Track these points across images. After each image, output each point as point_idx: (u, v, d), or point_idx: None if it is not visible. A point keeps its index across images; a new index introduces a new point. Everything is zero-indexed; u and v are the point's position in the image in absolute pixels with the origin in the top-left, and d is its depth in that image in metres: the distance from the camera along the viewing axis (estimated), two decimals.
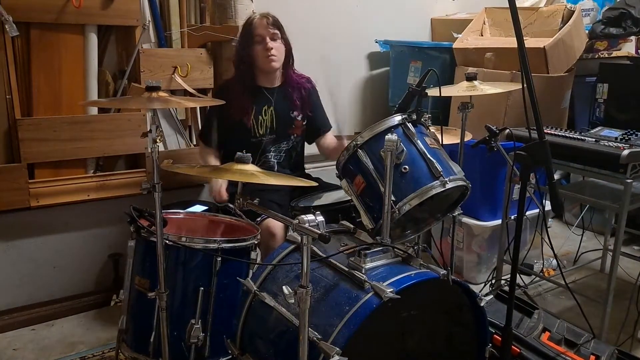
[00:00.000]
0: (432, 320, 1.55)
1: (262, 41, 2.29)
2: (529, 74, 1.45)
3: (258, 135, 2.38)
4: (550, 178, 1.51)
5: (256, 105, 2.36)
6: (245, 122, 2.35)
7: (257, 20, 2.30)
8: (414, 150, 1.57)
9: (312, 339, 1.33)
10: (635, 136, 2.40)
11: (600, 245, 3.06)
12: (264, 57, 2.30)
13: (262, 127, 2.38)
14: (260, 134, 2.38)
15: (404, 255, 1.58)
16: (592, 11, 3.73)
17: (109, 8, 2.33)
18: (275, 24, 2.31)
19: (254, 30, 2.29)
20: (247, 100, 2.35)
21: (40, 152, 2.30)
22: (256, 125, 2.37)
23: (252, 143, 2.37)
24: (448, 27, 3.46)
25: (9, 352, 2.24)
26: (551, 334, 1.93)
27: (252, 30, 2.30)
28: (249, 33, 2.31)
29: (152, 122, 1.50)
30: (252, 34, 2.30)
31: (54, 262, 2.54)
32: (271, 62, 2.32)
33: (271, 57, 2.30)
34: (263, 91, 2.39)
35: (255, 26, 2.29)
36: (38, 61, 2.28)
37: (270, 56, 2.30)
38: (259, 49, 2.30)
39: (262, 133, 2.39)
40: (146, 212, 1.78)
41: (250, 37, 2.30)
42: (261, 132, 2.38)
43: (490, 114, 2.80)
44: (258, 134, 2.38)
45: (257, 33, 2.29)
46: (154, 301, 1.65)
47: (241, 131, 2.36)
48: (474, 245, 2.89)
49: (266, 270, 1.63)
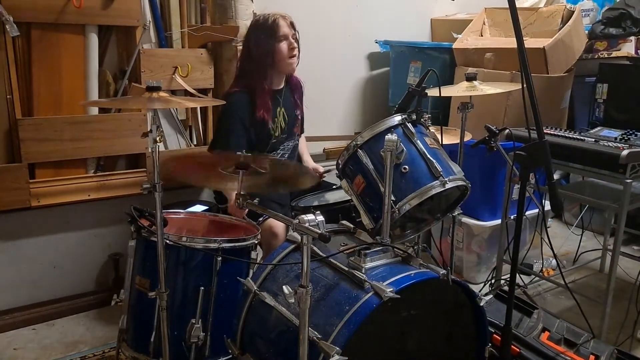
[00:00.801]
0: (432, 320, 1.56)
1: (286, 39, 2.25)
2: (529, 74, 1.45)
3: (276, 136, 2.37)
4: (550, 178, 1.51)
5: (273, 106, 2.36)
6: (267, 124, 2.30)
7: (281, 19, 2.26)
8: (413, 150, 1.58)
9: (312, 338, 1.33)
10: (634, 136, 2.40)
11: (599, 245, 3.06)
12: (287, 57, 2.27)
13: (278, 128, 2.37)
14: (277, 135, 2.37)
15: (403, 255, 1.58)
16: (592, 11, 3.73)
17: (109, 8, 2.33)
18: (294, 25, 2.30)
19: (279, 28, 2.24)
20: (269, 101, 2.31)
21: (40, 152, 2.30)
22: (274, 126, 2.35)
23: (272, 144, 2.36)
24: (448, 27, 3.46)
25: (10, 352, 2.25)
26: (551, 334, 1.93)
27: (277, 29, 2.24)
28: (274, 31, 2.24)
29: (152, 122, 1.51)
30: (276, 32, 2.24)
31: (54, 261, 2.54)
32: (293, 63, 2.31)
33: (293, 57, 2.29)
34: (274, 93, 2.38)
35: (280, 25, 2.25)
36: (39, 61, 2.29)
37: (293, 57, 2.29)
38: (285, 47, 2.25)
39: (279, 134, 2.38)
40: (147, 212, 1.78)
41: (274, 35, 2.24)
42: (277, 133, 2.37)
43: (490, 114, 2.81)
44: (275, 135, 2.36)
45: (282, 32, 2.25)
46: (154, 301, 1.65)
47: (264, 134, 2.32)
48: (473, 245, 2.89)
49: (266, 270, 1.63)
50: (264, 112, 2.27)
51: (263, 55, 2.26)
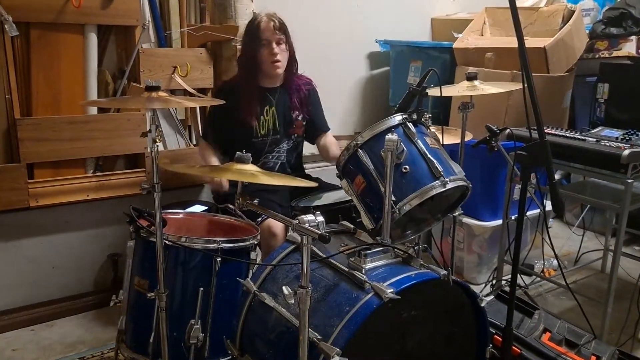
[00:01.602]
0: (433, 321, 1.55)
1: (268, 45, 2.26)
2: (530, 73, 1.44)
3: (260, 136, 2.38)
4: (551, 178, 1.50)
5: (259, 105, 2.36)
6: (249, 122, 2.33)
7: (265, 22, 2.25)
8: (414, 150, 1.57)
9: (312, 339, 1.32)
10: (635, 136, 2.39)
11: (601, 245, 3.06)
12: (269, 62, 2.29)
13: (263, 128, 2.37)
14: (262, 134, 2.38)
15: (404, 256, 1.58)
16: (593, 11, 3.73)
17: (108, 8, 2.32)
18: (281, 27, 2.28)
19: (261, 33, 2.25)
20: (253, 100, 2.33)
21: (39, 152, 2.29)
22: (259, 125, 2.36)
23: (254, 143, 2.36)
24: (448, 27, 3.46)
25: (8, 353, 2.24)
26: (552, 335, 1.93)
27: (259, 33, 2.25)
28: (255, 35, 2.26)
29: (151, 122, 1.50)
30: (258, 36, 2.25)
31: (53, 262, 2.54)
32: (276, 68, 2.31)
33: (276, 63, 2.29)
34: (265, 91, 2.38)
35: (262, 29, 2.25)
36: (37, 61, 2.28)
37: (275, 62, 2.28)
38: (265, 53, 2.27)
39: (264, 133, 2.38)
40: (145, 212, 1.78)
41: (256, 39, 2.26)
42: (263, 133, 2.38)
43: (491, 113, 2.80)
44: (260, 134, 2.37)
45: (264, 37, 2.25)
46: (153, 301, 1.65)
47: (244, 131, 2.35)
48: (474, 245, 2.88)
49: (266, 270, 1.63)
50: (246, 109, 2.31)
51: (248, 57, 2.32)
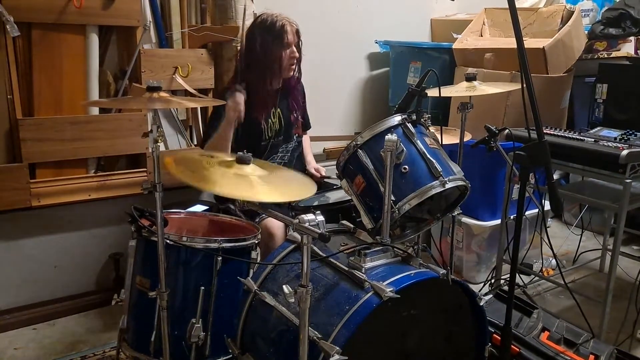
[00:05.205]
0: (432, 320, 1.56)
1: (289, 47, 2.29)
2: (529, 74, 1.45)
3: (267, 138, 2.38)
4: (550, 178, 1.52)
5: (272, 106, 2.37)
6: (259, 124, 2.33)
7: (288, 26, 2.28)
8: (413, 150, 1.58)
9: (312, 338, 1.33)
10: (634, 136, 2.40)
11: (599, 245, 3.06)
12: (287, 65, 2.31)
13: (271, 130, 2.38)
14: (269, 136, 2.38)
15: (403, 255, 1.58)
16: (592, 12, 3.74)
17: (110, 8, 2.33)
18: (299, 33, 2.33)
19: (286, 35, 2.27)
20: (268, 101, 2.34)
21: (41, 152, 2.30)
22: (267, 127, 2.36)
23: (262, 146, 2.37)
24: (448, 27, 3.47)
25: (10, 352, 2.25)
26: (550, 334, 1.93)
27: (284, 35, 2.26)
28: (280, 37, 2.26)
29: (153, 122, 1.51)
30: (282, 38, 2.26)
31: (55, 261, 2.55)
32: (292, 70, 2.35)
33: (292, 65, 2.33)
34: (271, 93, 2.38)
35: (287, 32, 2.27)
36: (39, 61, 2.29)
37: (292, 64, 2.32)
38: (286, 55, 2.29)
39: (271, 135, 2.39)
40: (147, 212, 1.79)
41: (280, 40, 2.26)
42: (270, 135, 2.38)
43: (490, 114, 2.81)
44: (267, 137, 2.38)
45: (288, 39, 2.28)
46: (154, 300, 1.66)
47: (253, 134, 2.34)
48: (473, 245, 2.89)
49: (266, 269, 1.64)
50: (258, 112, 2.31)
51: (268, 58, 2.28)
